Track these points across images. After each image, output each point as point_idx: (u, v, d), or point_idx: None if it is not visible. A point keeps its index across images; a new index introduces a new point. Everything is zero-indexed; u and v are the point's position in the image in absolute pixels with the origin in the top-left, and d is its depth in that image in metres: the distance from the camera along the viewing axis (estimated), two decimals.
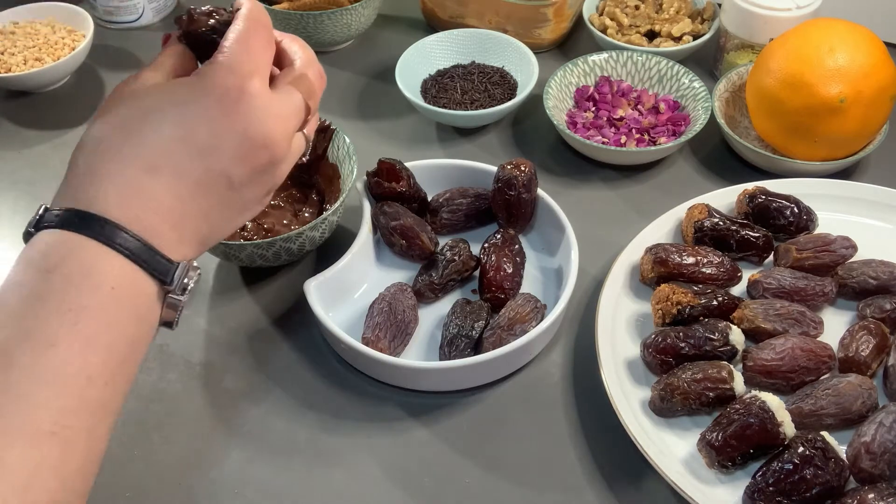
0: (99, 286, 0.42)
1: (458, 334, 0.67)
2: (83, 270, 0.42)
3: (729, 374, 0.61)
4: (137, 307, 0.44)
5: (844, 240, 0.72)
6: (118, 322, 0.43)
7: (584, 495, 0.61)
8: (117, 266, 0.43)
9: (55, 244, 0.43)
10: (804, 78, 0.77)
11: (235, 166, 0.47)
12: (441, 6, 1.02)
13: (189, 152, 0.45)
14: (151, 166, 0.44)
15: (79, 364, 0.41)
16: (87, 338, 0.42)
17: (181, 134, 0.45)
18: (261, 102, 0.47)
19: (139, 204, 0.44)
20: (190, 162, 0.45)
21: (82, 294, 0.42)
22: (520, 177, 0.74)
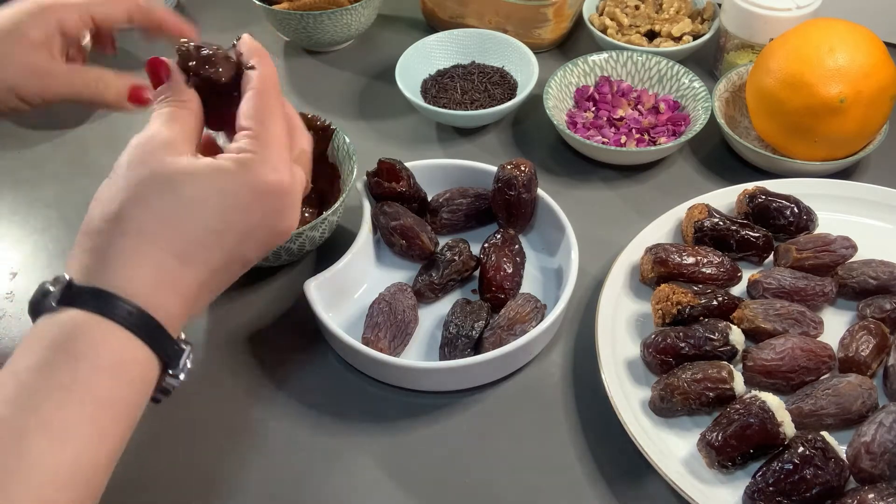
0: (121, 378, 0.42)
1: (458, 334, 0.67)
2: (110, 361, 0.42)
3: (729, 374, 0.61)
4: (145, 393, 0.45)
5: (844, 240, 0.72)
6: (129, 411, 0.43)
7: (584, 495, 0.61)
8: (140, 356, 0.43)
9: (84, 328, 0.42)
10: (804, 78, 0.77)
11: (256, 251, 0.48)
12: (441, 6, 1.02)
13: (222, 245, 0.46)
14: (185, 255, 0.45)
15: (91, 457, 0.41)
16: (102, 430, 0.42)
17: (220, 227, 0.46)
18: (292, 199, 0.49)
19: (171, 294, 0.44)
20: (220, 252, 0.46)
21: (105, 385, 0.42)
22: (520, 177, 0.74)
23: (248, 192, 0.46)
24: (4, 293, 0.77)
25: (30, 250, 0.81)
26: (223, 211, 0.45)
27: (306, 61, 1.02)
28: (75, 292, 0.43)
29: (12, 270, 0.79)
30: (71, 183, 0.88)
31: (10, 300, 0.77)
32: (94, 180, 0.94)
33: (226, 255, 0.46)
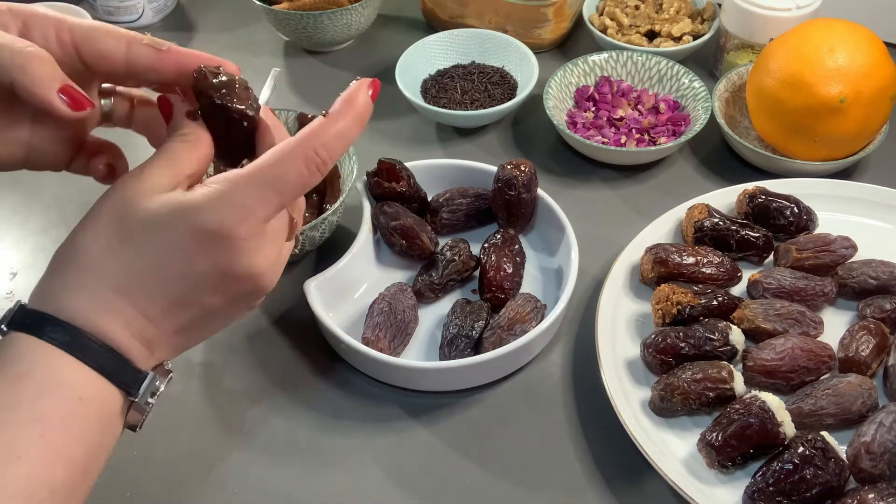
0: (67, 397, 0.42)
1: (458, 334, 0.67)
2: (52, 380, 0.42)
3: (729, 374, 0.61)
4: (102, 416, 0.44)
5: (844, 240, 0.72)
6: (84, 433, 0.43)
7: (584, 495, 0.61)
8: (85, 377, 0.43)
9: (26, 350, 0.43)
10: (804, 78, 0.77)
11: (212, 297, 0.45)
12: (441, 6, 1.02)
13: (165, 282, 0.44)
14: (124, 289, 0.44)
15: (44, 477, 0.41)
16: (53, 450, 0.41)
17: (159, 264, 0.44)
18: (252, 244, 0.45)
19: (110, 321, 0.44)
20: (166, 290, 0.44)
21: (51, 404, 0.42)
22: (520, 177, 0.74)
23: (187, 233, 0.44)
24: (4, 293, 0.77)
25: (30, 250, 0.81)
26: (161, 247, 0.44)
27: (306, 61, 1.02)
28: (20, 316, 0.44)
29: (12, 270, 0.79)
30: (71, 183, 0.87)
31: (10, 300, 0.77)
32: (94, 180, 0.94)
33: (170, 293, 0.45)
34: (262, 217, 0.45)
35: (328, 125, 0.46)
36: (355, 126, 0.47)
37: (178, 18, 1.10)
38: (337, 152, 0.46)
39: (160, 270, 0.44)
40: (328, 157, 0.46)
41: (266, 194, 0.44)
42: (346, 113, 0.47)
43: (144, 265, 0.44)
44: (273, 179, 0.44)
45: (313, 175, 0.45)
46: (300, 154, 0.45)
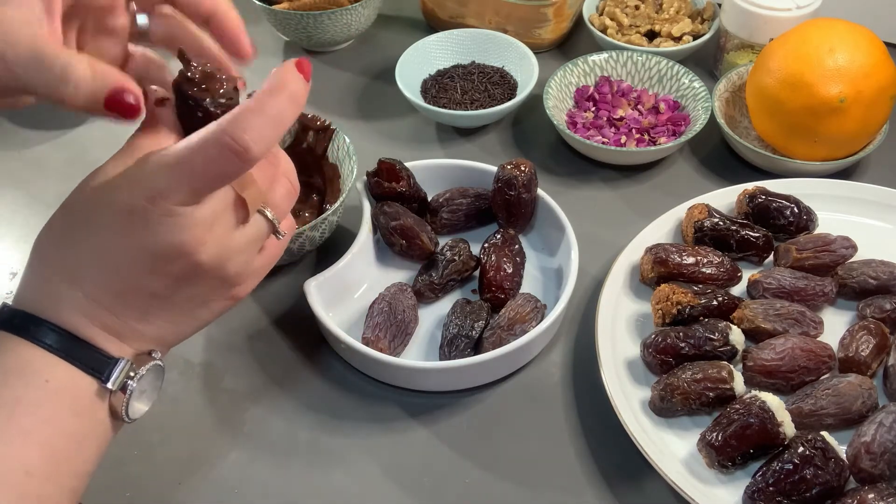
0: (32, 381, 0.43)
1: (458, 334, 0.67)
2: (18, 366, 0.43)
3: (729, 374, 0.61)
4: (76, 402, 0.44)
5: (844, 240, 0.72)
6: (55, 417, 0.43)
7: (584, 495, 0.61)
8: (48, 361, 0.44)
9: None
10: (804, 78, 0.77)
11: (152, 280, 0.45)
12: (441, 6, 1.02)
13: (105, 267, 0.45)
14: (73, 278, 0.45)
15: (16, 458, 0.41)
16: (23, 431, 0.42)
17: (96, 247, 0.45)
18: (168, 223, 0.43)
19: (68, 310, 0.45)
20: (108, 276, 0.45)
21: (16, 388, 0.42)
22: (520, 177, 0.74)
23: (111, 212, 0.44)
24: (4, 293, 0.77)
25: (30, 250, 0.81)
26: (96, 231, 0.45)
27: None
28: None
29: (12, 270, 0.79)
30: (71, 183, 0.87)
31: (10, 300, 0.77)
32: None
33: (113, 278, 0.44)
34: (177, 199, 0.43)
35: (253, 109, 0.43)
36: (289, 108, 0.44)
37: None
38: (267, 137, 0.43)
39: (97, 255, 0.45)
40: (251, 144, 0.42)
41: (176, 176, 0.42)
42: (277, 95, 0.44)
43: (85, 251, 0.45)
44: (183, 161, 0.42)
45: (230, 161, 0.42)
46: (213, 140, 0.42)
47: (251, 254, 0.48)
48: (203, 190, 0.43)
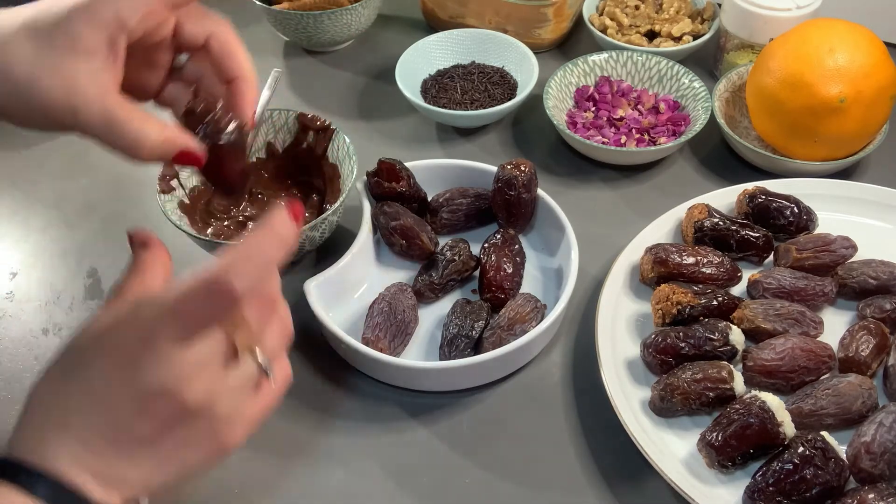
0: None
1: (458, 334, 0.67)
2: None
3: (729, 374, 0.61)
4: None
5: (844, 240, 0.72)
6: None
7: (584, 495, 0.61)
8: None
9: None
10: (804, 78, 0.77)
11: (138, 422, 0.44)
12: (441, 6, 1.02)
13: (92, 409, 0.45)
14: (63, 421, 0.45)
15: None
16: None
17: (84, 389, 0.45)
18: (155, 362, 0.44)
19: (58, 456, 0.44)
20: (96, 418, 0.44)
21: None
22: (520, 177, 0.74)
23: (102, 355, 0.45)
24: (4, 293, 0.78)
25: (30, 250, 0.81)
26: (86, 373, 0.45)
27: (306, 61, 1.02)
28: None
29: (12, 270, 0.79)
30: (71, 183, 0.88)
31: (10, 300, 0.77)
32: (93, 180, 0.94)
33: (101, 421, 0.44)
34: (163, 338, 0.43)
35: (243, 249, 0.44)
36: (277, 252, 0.45)
37: None
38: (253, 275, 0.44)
39: (88, 397, 0.45)
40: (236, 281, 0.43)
41: (164, 316, 0.44)
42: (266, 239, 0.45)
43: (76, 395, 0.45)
44: (172, 303, 0.43)
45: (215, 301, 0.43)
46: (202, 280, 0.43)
47: (242, 397, 0.47)
48: (193, 330, 0.44)
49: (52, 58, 0.47)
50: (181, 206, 0.75)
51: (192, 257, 0.79)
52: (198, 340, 0.44)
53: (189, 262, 0.79)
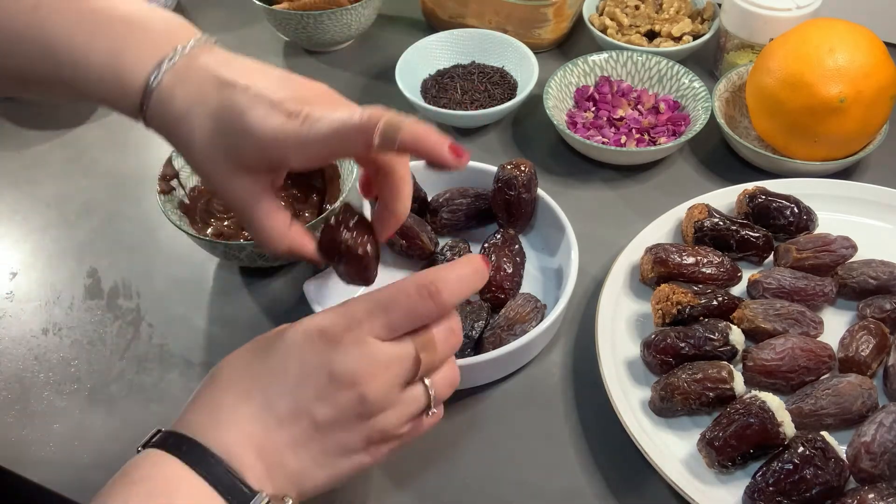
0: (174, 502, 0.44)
1: None
2: (165, 487, 0.45)
3: (729, 374, 0.61)
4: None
5: (844, 240, 0.72)
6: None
7: (584, 495, 0.61)
8: (196, 487, 0.45)
9: (148, 460, 0.46)
10: (804, 78, 0.77)
11: (319, 405, 0.48)
12: (441, 6, 1.02)
13: (280, 385, 0.48)
14: (246, 393, 0.48)
15: None
16: None
17: (278, 369, 0.48)
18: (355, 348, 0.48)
19: (228, 429, 0.47)
20: (280, 395, 0.48)
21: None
22: (520, 177, 0.74)
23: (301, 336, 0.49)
24: (4, 293, 0.78)
25: (30, 250, 0.81)
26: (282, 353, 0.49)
27: (306, 61, 1.02)
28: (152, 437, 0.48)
29: (12, 270, 0.79)
30: (71, 183, 0.88)
31: (10, 300, 0.77)
32: (93, 180, 0.94)
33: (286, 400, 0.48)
34: (368, 329, 0.48)
35: (447, 268, 0.51)
36: (474, 279, 0.51)
37: None
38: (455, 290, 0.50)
39: (276, 372, 0.48)
40: (444, 289, 0.49)
41: (373, 309, 0.49)
42: (465, 263, 0.52)
43: (265, 371, 0.48)
44: (384, 298, 0.49)
45: (424, 300, 0.49)
46: (413, 281, 0.49)
47: (403, 418, 0.51)
48: (396, 325, 0.49)
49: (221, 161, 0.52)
50: (181, 206, 0.75)
51: (192, 257, 0.79)
52: (395, 341, 0.49)
53: (189, 262, 0.79)
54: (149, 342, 0.73)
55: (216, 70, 0.53)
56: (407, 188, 0.58)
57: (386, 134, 0.51)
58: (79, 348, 0.73)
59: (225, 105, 0.51)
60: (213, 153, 0.52)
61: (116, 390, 0.69)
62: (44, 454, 0.65)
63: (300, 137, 0.51)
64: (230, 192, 0.54)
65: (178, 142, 0.54)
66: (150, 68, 0.52)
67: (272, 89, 0.52)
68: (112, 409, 0.68)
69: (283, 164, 0.53)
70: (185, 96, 0.52)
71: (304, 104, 0.51)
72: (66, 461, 0.64)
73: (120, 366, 0.71)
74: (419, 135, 0.51)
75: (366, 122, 0.51)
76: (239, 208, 0.55)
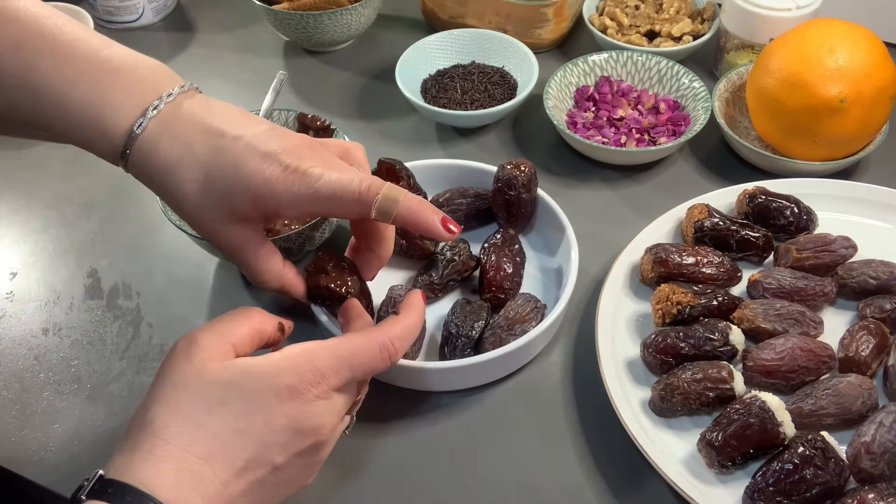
0: None
1: (458, 334, 0.67)
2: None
3: (729, 374, 0.61)
4: None
5: (844, 240, 0.72)
6: None
7: (584, 495, 0.61)
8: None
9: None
10: (804, 78, 0.77)
11: (279, 454, 0.49)
12: (441, 6, 1.02)
13: (244, 444, 0.48)
14: (209, 454, 0.47)
15: None
16: None
17: (241, 427, 0.48)
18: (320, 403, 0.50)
19: (189, 487, 0.46)
20: (242, 451, 0.48)
21: None
22: (520, 177, 0.74)
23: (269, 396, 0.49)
24: (4, 293, 0.78)
25: (30, 250, 0.81)
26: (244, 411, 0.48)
27: (306, 61, 1.02)
28: (102, 485, 0.45)
29: (12, 270, 0.79)
30: (71, 183, 0.88)
31: (10, 300, 0.77)
32: (93, 180, 0.94)
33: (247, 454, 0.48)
34: (334, 384, 0.51)
35: (399, 320, 0.54)
36: (417, 325, 0.56)
37: (178, 18, 1.10)
38: (405, 345, 0.54)
39: (243, 434, 0.48)
40: (400, 348, 0.54)
41: (340, 366, 0.51)
42: (411, 313, 0.56)
43: (230, 430, 0.48)
44: (348, 355, 0.51)
45: (384, 361, 0.53)
46: (377, 340, 0.53)
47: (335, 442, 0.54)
48: (357, 380, 0.53)
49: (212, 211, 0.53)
50: None
51: (192, 257, 0.79)
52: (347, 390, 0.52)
53: (189, 262, 0.79)
54: (149, 342, 0.73)
55: (203, 118, 0.53)
56: (390, 233, 0.61)
57: (383, 208, 0.53)
58: (79, 348, 0.73)
59: (216, 155, 0.52)
60: (206, 203, 0.53)
61: (116, 390, 0.69)
62: (44, 454, 0.65)
63: (296, 194, 0.52)
64: (224, 240, 0.55)
65: (165, 190, 0.54)
66: (134, 114, 0.52)
67: (262, 139, 0.52)
68: (112, 409, 0.68)
69: (276, 215, 0.54)
70: (172, 145, 0.52)
71: (298, 159, 0.52)
72: (66, 461, 0.64)
73: (120, 366, 0.71)
74: (414, 210, 0.54)
75: (364, 194, 0.53)
76: (234, 253, 0.56)
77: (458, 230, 0.56)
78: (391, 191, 0.54)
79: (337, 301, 0.59)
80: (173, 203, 0.55)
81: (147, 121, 0.52)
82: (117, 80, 0.52)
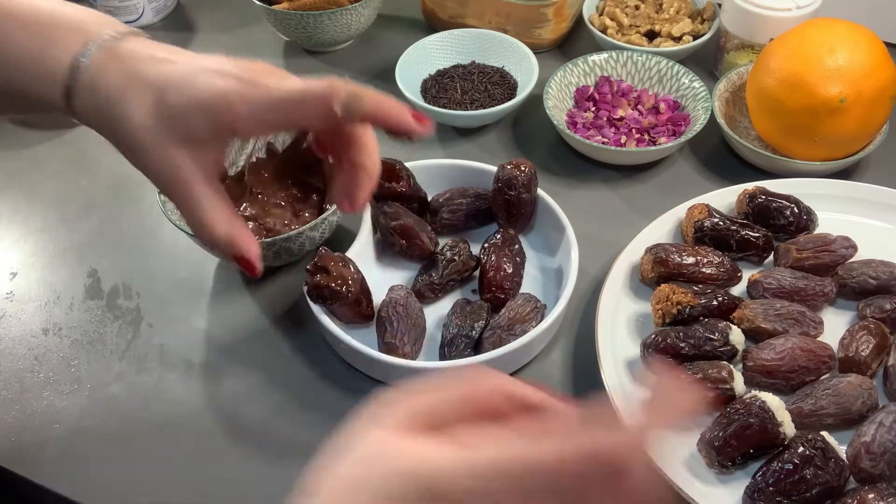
0: None
1: (458, 334, 0.67)
2: None
3: (729, 374, 0.61)
4: None
5: (844, 240, 0.72)
6: None
7: None
8: None
9: None
10: (804, 78, 0.77)
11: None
12: (441, 6, 1.02)
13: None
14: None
15: None
16: None
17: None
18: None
19: None
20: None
21: None
22: (520, 177, 0.74)
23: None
24: (4, 293, 0.78)
25: (30, 250, 0.81)
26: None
27: (306, 61, 1.02)
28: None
29: (12, 270, 0.79)
30: (71, 183, 0.88)
31: (10, 300, 0.77)
32: (94, 180, 0.94)
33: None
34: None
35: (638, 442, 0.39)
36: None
37: (178, 18, 1.10)
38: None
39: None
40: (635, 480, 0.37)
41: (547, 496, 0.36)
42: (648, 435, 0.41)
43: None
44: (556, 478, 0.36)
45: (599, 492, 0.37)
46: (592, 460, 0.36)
47: None
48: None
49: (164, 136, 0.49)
50: None
51: (192, 257, 0.79)
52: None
53: (189, 262, 0.79)
54: (149, 342, 0.73)
55: (151, 52, 0.50)
56: (373, 142, 0.54)
57: (348, 104, 0.48)
58: (79, 348, 0.73)
59: (167, 77, 0.49)
60: (156, 127, 0.49)
61: (116, 390, 0.69)
62: (44, 454, 0.65)
63: (251, 99, 0.48)
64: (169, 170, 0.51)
65: (112, 122, 0.51)
66: (77, 48, 0.49)
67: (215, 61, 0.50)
68: (112, 409, 0.68)
69: (230, 128, 0.50)
70: (119, 74, 0.49)
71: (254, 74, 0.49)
72: (66, 461, 0.64)
73: (120, 366, 0.71)
74: (381, 104, 0.49)
75: (326, 91, 0.48)
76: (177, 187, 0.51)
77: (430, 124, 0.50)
78: (356, 88, 0.49)
79: (337, 300, 0.59)
80: (119, 132, 0.51)
81: (93, 50, 0.49)
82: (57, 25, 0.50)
